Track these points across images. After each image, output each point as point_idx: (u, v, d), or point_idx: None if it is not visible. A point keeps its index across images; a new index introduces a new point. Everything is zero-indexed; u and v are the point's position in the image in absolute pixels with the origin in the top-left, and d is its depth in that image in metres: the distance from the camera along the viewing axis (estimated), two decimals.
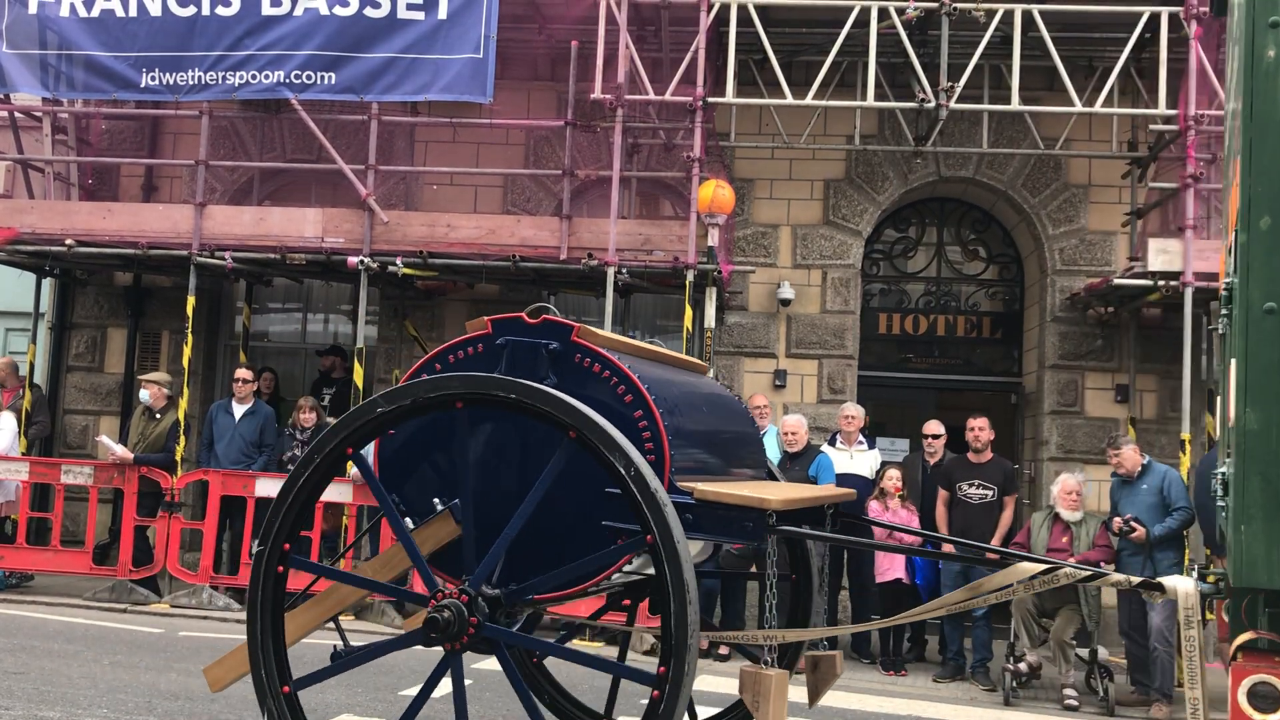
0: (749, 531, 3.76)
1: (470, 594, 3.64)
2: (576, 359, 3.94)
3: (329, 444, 3.83)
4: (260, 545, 3.86)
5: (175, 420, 10.21)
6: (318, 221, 10.57)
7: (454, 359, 4.14)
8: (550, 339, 3.97)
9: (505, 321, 4.09)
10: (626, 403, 3.85)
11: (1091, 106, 9.98)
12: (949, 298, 12.31)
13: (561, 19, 10.90)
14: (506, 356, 4.00)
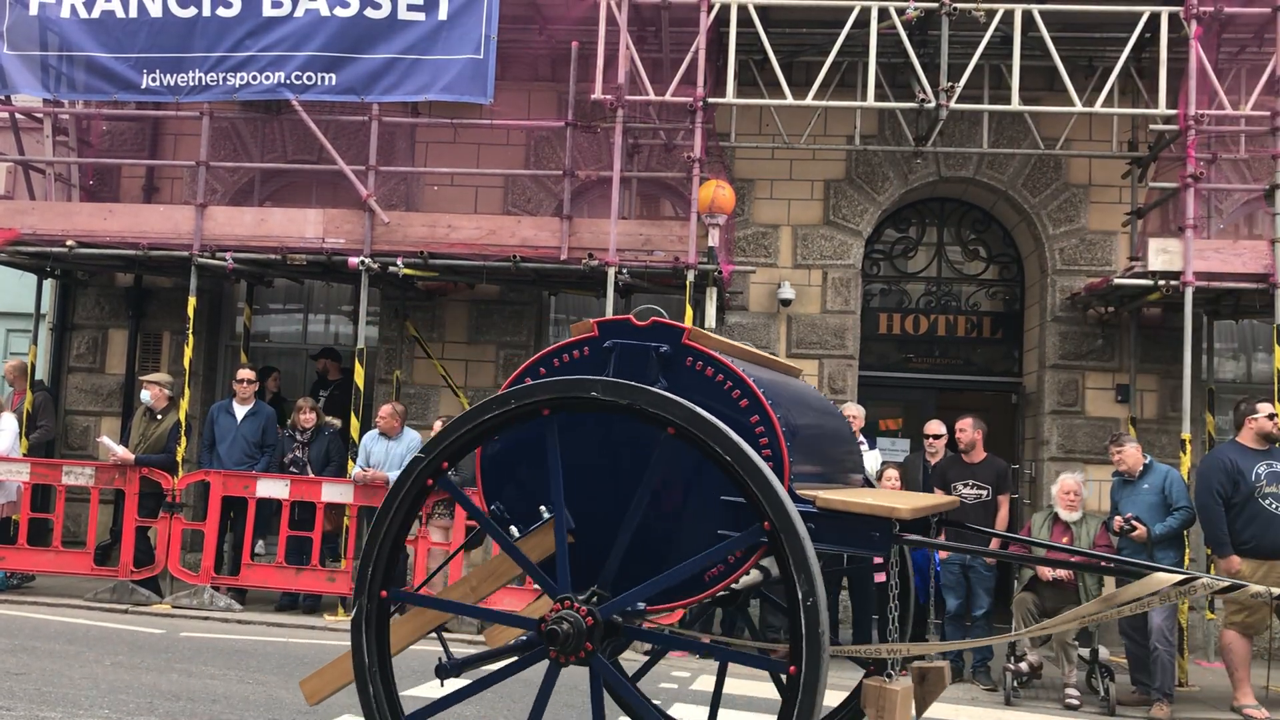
0: (875, 542, 3.58)
1: (573, 599, 3.53)
2: (688, 362, 3.81)
3: (435, 449, 3.64)
4: (363, 559, 3.72)
5: (176, 421, 10.22)
6: (318, 222, 10.58)
7: (558, 363, 3.98)
8: (660, 342, 3.84)
9: (612, 324, 3.97)
10: (742, 408, 3.71)
11: (1092, 106, 9.98)
12: (949, 298, 12.31)
13: (562, 19, 10.91)
14: (614, 360, 3.86)
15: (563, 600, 3.53)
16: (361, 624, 3.72)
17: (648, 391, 3.43)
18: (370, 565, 3.70)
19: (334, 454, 10.26)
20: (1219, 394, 11.20)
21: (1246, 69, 10.58)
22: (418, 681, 7.10)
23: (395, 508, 3.68)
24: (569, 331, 4.08)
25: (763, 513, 3.28)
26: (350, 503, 9.77)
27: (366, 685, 3.77)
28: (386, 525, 3.69)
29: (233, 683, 6.77)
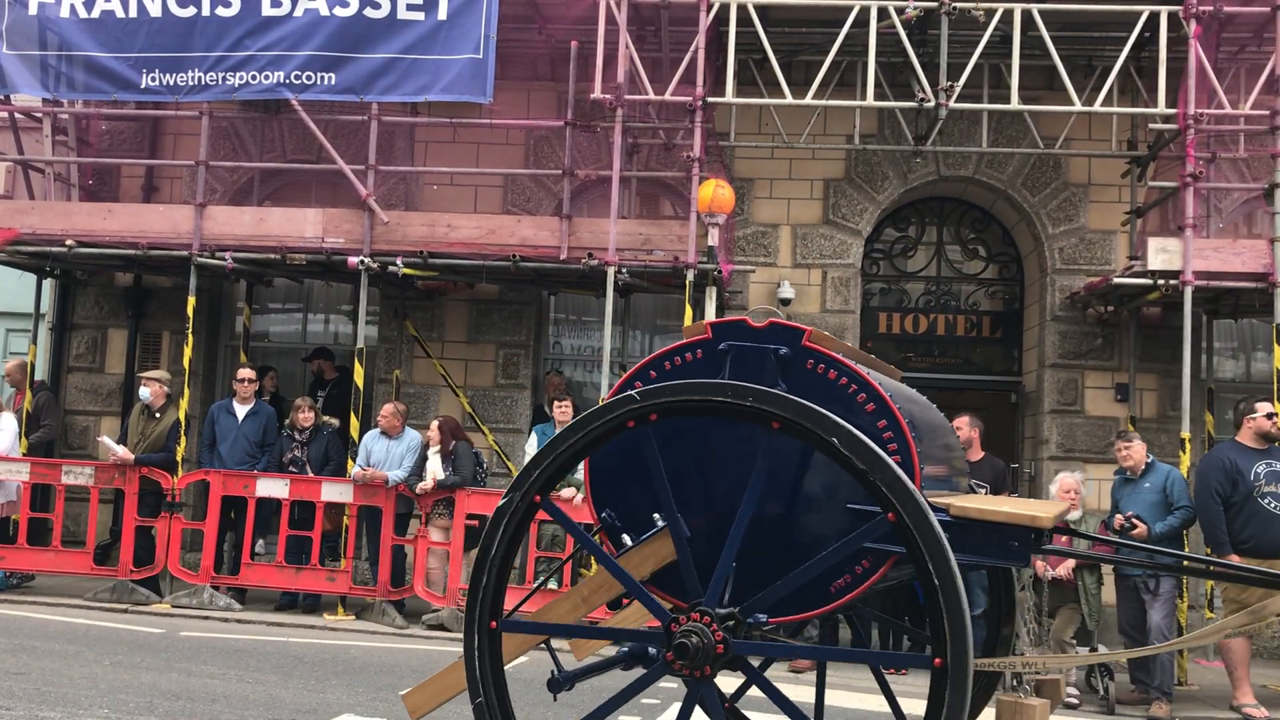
0: (1014, 553, 3.40)
1: (712, 614, 3.38)
2: (808, 365, 3.67)
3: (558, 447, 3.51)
4: (479, 564, 3.57)
5: (176, 419, 10.22)
6: (318, 222, 10.58)
7: (669, 366, 3.85)
8: (779, 344, 3.69)
9: (726, 325, 3.83)
10: (868, 413, 3.56)
11: (1091, 106, 9.98)
12: (949, 297, 12.31)
13: (561, 19, 10.90)
14: (730, 362, 3.71)
15: (689, 612, 3.39)
16: (474, 656, 3.62)
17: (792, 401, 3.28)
18: (479, 593, 3.54)
19: (333, 453, 10.26)
20: (1218, 393, 11.20)
21: (1246, 68, 10.58)
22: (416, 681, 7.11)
23: (505, 522, 3.55)
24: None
25: (902, 524, 3.15)
26: (350, 502, 9.77)
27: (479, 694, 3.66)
28: (497, 541, 3.53)
29: (232, 682, 6.78)
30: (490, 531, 3.56)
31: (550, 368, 12.05)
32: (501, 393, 11.92)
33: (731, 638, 3.36)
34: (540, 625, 4.01)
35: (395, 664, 7.79)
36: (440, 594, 9.44)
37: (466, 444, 9.77)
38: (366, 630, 9.25)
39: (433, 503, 9.57)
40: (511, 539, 3.56)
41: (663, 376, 3.82)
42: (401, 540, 9.70)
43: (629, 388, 3.80)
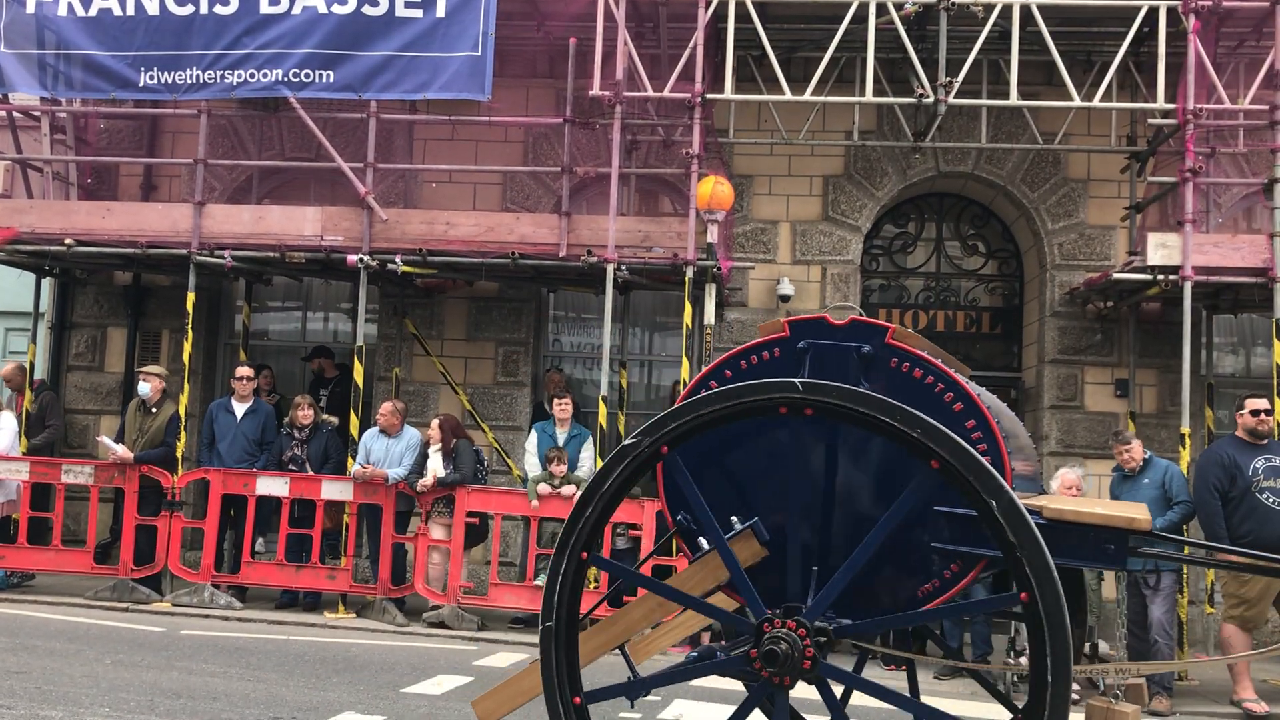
0: (1109, 556, 3.31)
1: (808, 626, 3.28)
2: (892, 364, 3.57)
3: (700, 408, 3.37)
4: (555, 563, 3.49)
5: (173, 413, 10.22)
6: (317, 220, 10.57)
7: (746, 365, 3.76)
8: (861, 341, 3.61)
9: (805, 323, 3.74)
10: (956, 412, 3.47)
11: (1090, 101, 9.98)
12: (948, 293, 12.31)
13: (560, 16, 10.88)
14: (810, 361, 3.62)
15: (776, 618, 3.31)
16: (551, 645, 3.49)
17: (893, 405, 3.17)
18: (558, 580, 3.46)
19: (333, 451, 10.26)
20: (1218, 388, 11.20)
21: (1245, 63, 10.57)
22: (417, 679, 7.12)
23: (628, 461, 3.43)
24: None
25: (997, 529, 3.07)
26: (350, 500, 9.77)
27: (557, 706, 3.51)
28: (614, 476, 3.43)
29: (233, 680, 6.78)
30: (608, 467, 3.44)
31: (550, 365, 12.04)
32: (501, 390, 11.92)
33: (821, 656, 3.28)
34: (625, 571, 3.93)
35: (396, 662, 7.79)
36: (441, 592, 9.44)
37: (467, 442, 9.77)
38: (367, 628, 9.26)
39: (433, 500, 9.57)
40: (626, 481, 3.45)
41: (738, 375, 3.73)
42: (402, 538, 9.70)
43: (704, 386, 3.71)
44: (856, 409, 3.20)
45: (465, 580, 9.52)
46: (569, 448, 9.74)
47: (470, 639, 9.04)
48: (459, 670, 7.54)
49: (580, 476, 9.56)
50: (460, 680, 7.18)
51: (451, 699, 6.63)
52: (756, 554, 3.45)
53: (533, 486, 9.44)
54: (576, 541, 3.46)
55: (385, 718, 5.96)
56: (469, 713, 6.26)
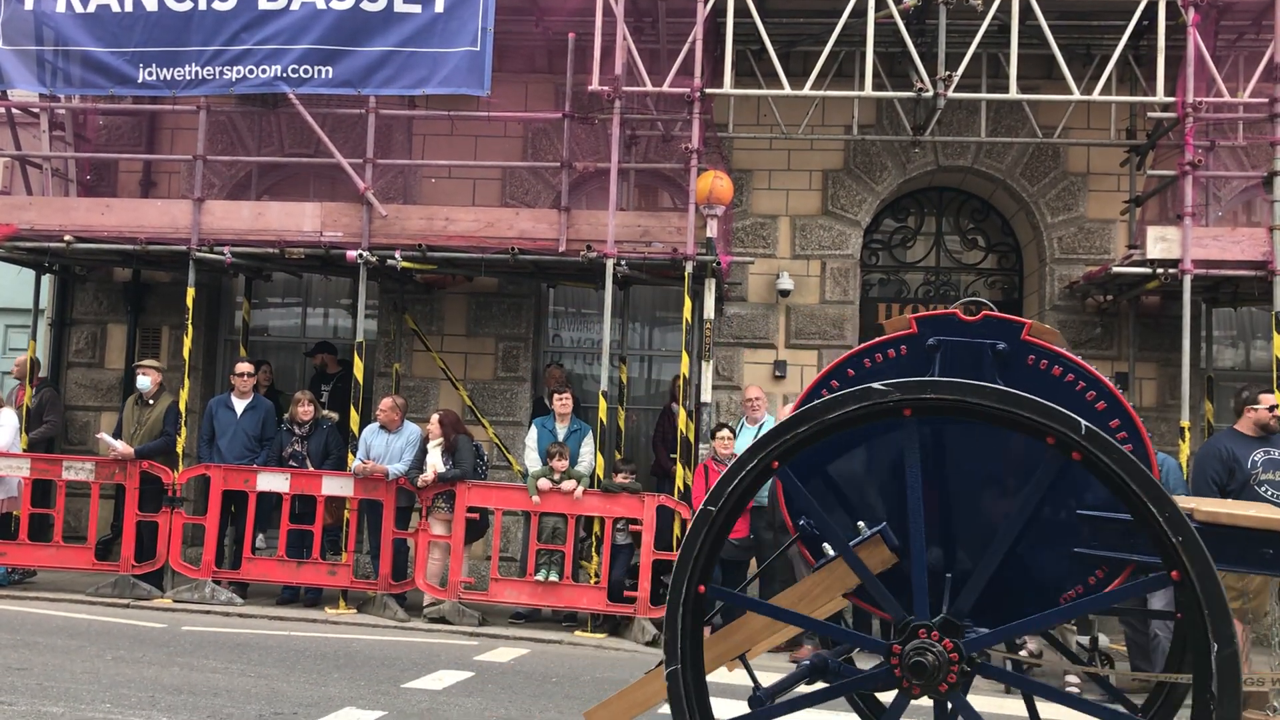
0: (1268, 561, 3.17)
1: (930, 626, 3.20)
2: (1029, 361, 3.45)
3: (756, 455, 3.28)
4: (678, 573, 3.34)
5: (170, 403, 10.24)
6: (316, 215, 10.56)
7: (869, 363, 3.66)
8: (996, 338, 3.49)
9: (934, 319, 3.63)
10: (1099, 411, 3.35)
11: (1090, 94, 9.96)
12: (948, 287, 12.31)
13: (558, 11, 10.86)
14: (941, 359, 3.51)
15: (920, 628, 3.21)
16: (677, 616, 3.34)
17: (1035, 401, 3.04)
18: (692, 557, 3.30)
19: (333, 447, 10.27)
20: (1218, 381, 11.20)
21: (1245, 56, 10.56)
22: (418, 674, 7.13)
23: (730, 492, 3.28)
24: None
25: (1158, 533, 2.96)
26: (350, 496, 9.78)
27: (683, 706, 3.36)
28: (704, 534, 3.29)
29: (234, 676, 6.79)
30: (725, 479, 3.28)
31: (550, 360, 12.05)
32: (501, 385, 11.92)
33: (965, 650, 3.17)
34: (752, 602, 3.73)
35: (397, 657, 7.80)
36: (441, 587, 9.45)
37: (467, 437, 9.78)
38: (368, 624, 9.27)
39: (433, 496, 9.58)
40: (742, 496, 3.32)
41: (861, 374, 3.62)
42: (402, 534, 9.71)
43: (824, 385, 3.61)
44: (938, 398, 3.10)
45: (466, 575, 9.53)
46: (569, 443, 9.75)
47: (471, 634, 9.05)
48: (460, 665, 7.55)
49: (580, 471, 9.57)
50: (461, 675, 7.19)
51: (452, 694, 6.64)
52: (886, 561, 3.35)
53: (533, 482, 9.45)
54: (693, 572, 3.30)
55: (386, 713, 5.97)
56: (469, 707, 6.28)
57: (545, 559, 9.42)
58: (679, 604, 3.30)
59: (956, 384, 3.12)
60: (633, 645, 8.98)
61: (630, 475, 9.66)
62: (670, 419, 10.59)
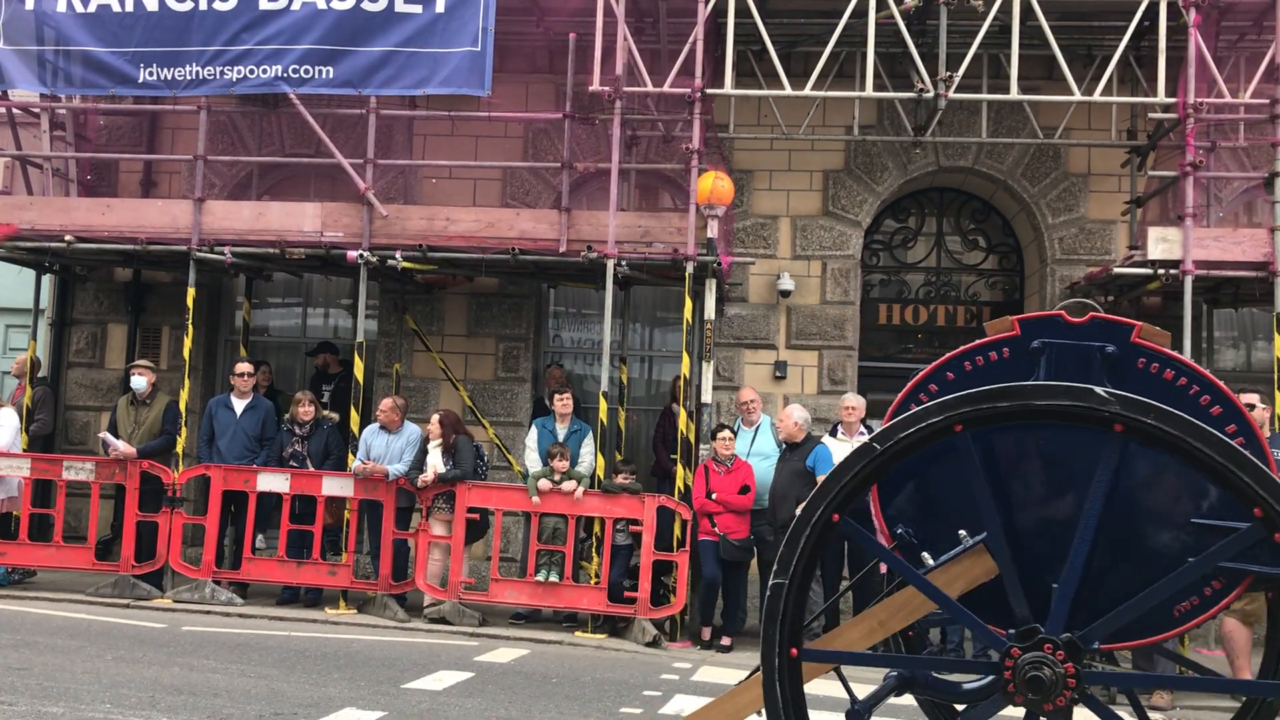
0: None
1: (1057, 643, 3.09)
2: (1139, 364, 3.34)
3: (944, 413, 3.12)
4: (814, 498, 3.23)
5: (168, 402, 10.25)
6: (316, 216, 10.56)
7: (970, 366, 3.53)
8: (1105, 341, 3.37)
9: (1038, 321, 3.51)
10: (1214, 415, 3.24)
11: (1090, 95, 9.96)
12: (949, 288, 12.31)
13: (559, 11, 10.87)
14: (1046, 362, 3.40)
15: (1046, 642, 3.10)
16: (775, 687, 3.23)
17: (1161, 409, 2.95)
18: (779, 618, 3.20)
19: (333, 447, 10.26)
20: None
21: (1245, 57, 10.55)
22: (418, 675, 7.12)
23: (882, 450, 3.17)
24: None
25: None
26: (351, 496, 9.77)
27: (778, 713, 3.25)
28: (797, 555, 3.18)
29: (234, 676, 6.79)
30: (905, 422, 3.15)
31: (550, 361, 12.05)
32: (502, 386, 11.92)
33: (1080, 668, 3.09)
34: (845, 655, 3.56)
35: (397, 657, 7.80)
36: (441, 587, 9.44)
37: (467, 437, 9.77)
38: (368, 624, 9.26)
39: (433, 496, 9.57)
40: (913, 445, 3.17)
41: (961, 377, 3.51)
42: (403, 534, 9.70)
43: (922, 389, 3.52)
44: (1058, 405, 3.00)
45: (466, 576, 9.53)
46: (569, 443, 9.74)
47: (471, 634, 9.04)
48: (460, 666, 7.54)
49: (581, 472, 9.56)
50: (461, 676, 7.18)
51: (452, 694, 6.64)
52: (990, 571, 3.25)
53: (533, 482, 9.45)
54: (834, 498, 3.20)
55: (386, 713, 5.96)
56: (469, 708, 6.27)
57: (545, 559, 9.42)
58: (808, 525, 3.21)
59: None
60: (633, 646, 8.97)
61: (630, 476, 9.66)
62: (671, 419, 10.59)
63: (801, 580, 3.22)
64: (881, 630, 3.50)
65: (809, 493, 9.83)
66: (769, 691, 3.24)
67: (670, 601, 9.31)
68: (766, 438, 9.84)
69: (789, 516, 9.01)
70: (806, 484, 9.07)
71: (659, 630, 9.13)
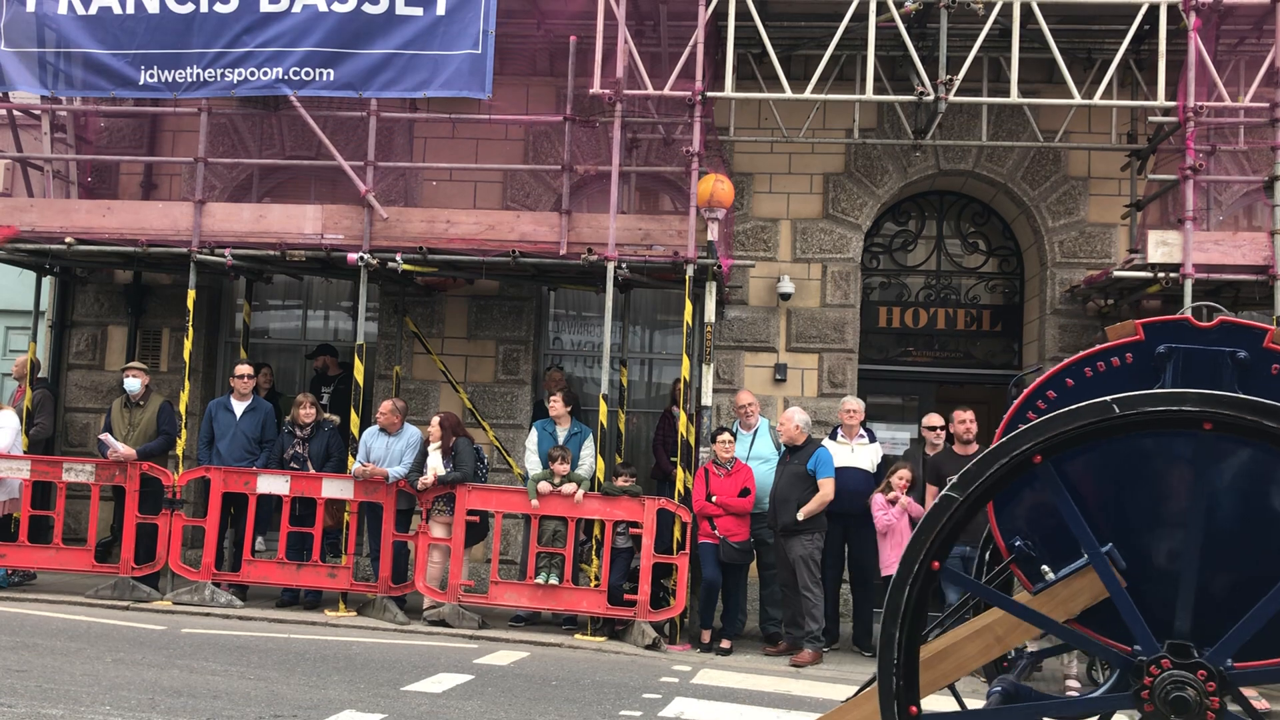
0: None
1: (1211, 669, 2.98)
2: (1274, 370, 3.23)
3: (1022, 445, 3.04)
4: (910, 551, 3.17)
5: (162, 403, 10.25)
6: (317, 218, 10.56)
7: (1090, 372, 3.41)
8: (1236, 346, 3.25)
9: (1163, 326, 3.39)
10: None
11: (1091, 99, 9.97)
12: (949, 291, 12.31)
13: (560, 14, 10.88)
14: (1173, 368, 3.28)
15: (1162, 659, 3.03)
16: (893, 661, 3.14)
17: None
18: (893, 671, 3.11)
19: (334, 449, 10.26)
20: None
21: (1245, 60, 10.57)
22: (417, 677, 7.12)
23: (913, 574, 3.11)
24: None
25: None
26: (350, 498, 9.77)
27: None
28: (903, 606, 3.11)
29: (234, 679, 6.78)
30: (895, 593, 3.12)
31: (551, 363, 12.05)
32: (502, 388, 11.92)
33: (1223, 690, 3.00)
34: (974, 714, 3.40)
35: (397, 660, 7.79)
36: (441, 590, 9.44)
37: (467, 440, 9.77)
38: (368, 626, 9.26)
39: (433, 499, 9.57)
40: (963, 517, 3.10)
41: (1081, 383, 3.39)
42: (403, 536, 9.70)
43: (1039, 396, 3.43)
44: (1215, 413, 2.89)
45: (466, 578, 9.52)
46: (570, 446, 9.74)
47: (471, 637, 9.04)
48: (459, 668, 7.54)
49: (581, 475, 9.56)
50: (461, 678, 7.18)
51: (452, 697, 6.63)
52: None
53: (533, 485, 9.44)
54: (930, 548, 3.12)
55: (386, 716, 5.96)
56: (469, 710, 6.27)
57: (545, 562, 9.42)
58: (910, 576, 3.14)
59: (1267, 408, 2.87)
60: (633, 649, 8.97)
61: (630, 478, 9.66)
62: (671, 422, 10.59)
63: (911, 631, 3.14)
64: (999, 646, 3.41)
65: (810, 496, 9.90)
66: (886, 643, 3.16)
67: (670, 604, 9.30)
68: (765, 441, 9.84)
69: (790, 519, 9.05)
70: (807, 487, 9.08)
71: (659, 633, 9.12)
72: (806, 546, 9.01)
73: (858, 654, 9.47)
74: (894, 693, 3.14)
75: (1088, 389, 3.31)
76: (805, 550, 9.00)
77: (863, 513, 9.34)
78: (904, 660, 3.12)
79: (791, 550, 9.03)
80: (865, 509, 9.32)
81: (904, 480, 9.19)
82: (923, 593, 3.13)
